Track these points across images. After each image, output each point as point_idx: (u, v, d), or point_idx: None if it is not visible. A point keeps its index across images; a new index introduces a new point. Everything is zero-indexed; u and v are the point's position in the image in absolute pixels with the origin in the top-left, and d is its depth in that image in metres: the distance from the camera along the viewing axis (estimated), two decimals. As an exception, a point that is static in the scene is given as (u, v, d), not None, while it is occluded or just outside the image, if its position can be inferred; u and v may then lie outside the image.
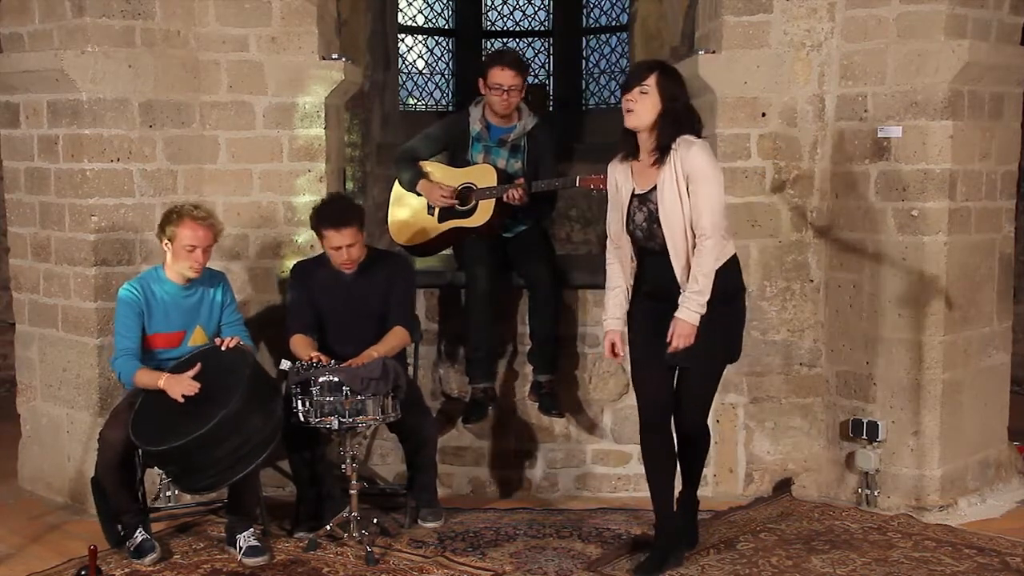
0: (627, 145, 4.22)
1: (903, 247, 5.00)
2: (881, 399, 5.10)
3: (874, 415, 5.10)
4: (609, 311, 4.33)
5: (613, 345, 4.31)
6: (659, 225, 4.13)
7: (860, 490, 5.13)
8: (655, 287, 4.23)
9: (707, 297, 4.07)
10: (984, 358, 5.24)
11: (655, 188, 4.13)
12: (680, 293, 4.10)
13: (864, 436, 5.09)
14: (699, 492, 5.24)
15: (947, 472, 5.06)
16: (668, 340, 4.09)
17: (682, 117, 4.13)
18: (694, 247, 4.07)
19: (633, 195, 4.21)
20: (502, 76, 5.10)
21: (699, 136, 4.18)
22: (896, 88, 4.96)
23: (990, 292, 5.25)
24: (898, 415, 5.06)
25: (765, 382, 5.29)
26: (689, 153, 4.06)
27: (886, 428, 5.06)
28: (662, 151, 4.10)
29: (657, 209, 4.12)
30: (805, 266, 5.25)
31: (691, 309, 4.06)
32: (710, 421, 5.28)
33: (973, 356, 5.17)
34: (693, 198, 4.06)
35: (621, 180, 4.26)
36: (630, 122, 4.13)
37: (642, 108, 4.09)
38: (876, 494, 5.09)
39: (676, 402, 4.32)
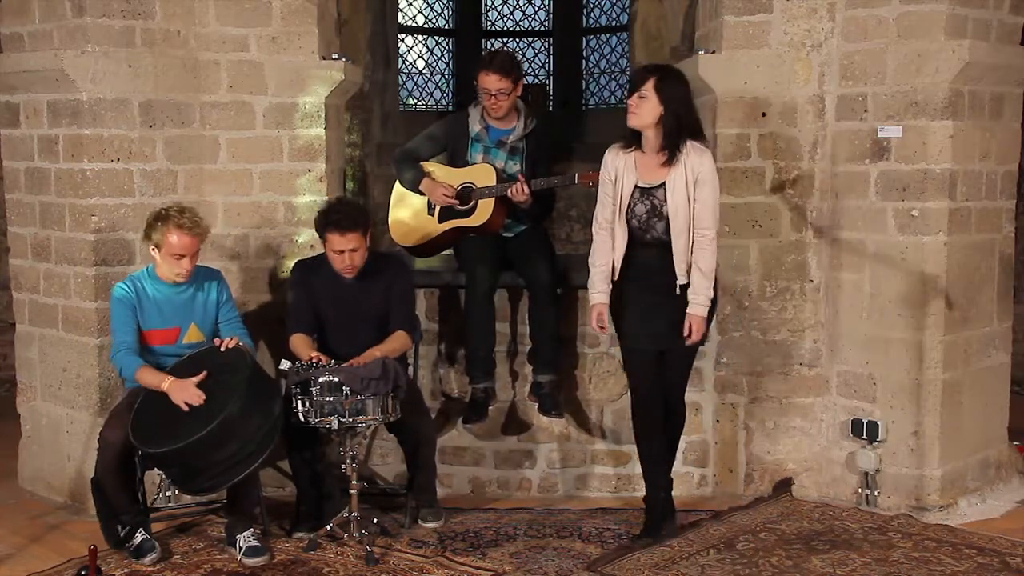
0: (633, 138, 4.48)
1: (903, 247, 5.00)
2: (881, 399, 5.09)
3: (874, 415, 5.10)
4: (597, 285, 4.57)
5: (600, 316, 4.57)
6: (659, 219, 4.44)
7: (860, 490, 5.13)
8: (644, 277, 4.50)
9: (711, 291, 4.46)
10: (984, 358, 5.24)
11: (662, 185, 4.42)
12: (670, 282, 4.43)
13: (864, 436, 5.09)
14: (699, 492, 5.30)
15: (947, 472, 5.06)
16: (686, 335, 4.45)
17: (683, 119, 4.40)
18: (692, 244, 4.42)
19: (636, 187, 4.46)
20: (487, 81, 5.10)
21: (702, 136, 4.51)
22: (896, 88, 4.96)
23: (990, 292, 5.25)
24: (898, 415, 5.06)
25: (765, 382, 5.29)
26: (701, 159, 4.42)
27: (886, 428, 5.06)
28: (671, 152, 4.40)
29: (662, 205, 4.42)
30: (805, 266, 5.25)
31: (702, 304, 4.45)
32: (710, 421, 5.32)
33: (973, 356, 5.16)
34: (700, 200, 4.40)
35: (621, 170, 4.50)
36: (631, 122, 4.43)
37: (642, 111, 4.39)
38: (876, 494, 5.09)
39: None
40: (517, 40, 10.62)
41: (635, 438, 4.68)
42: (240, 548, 4.48)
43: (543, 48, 10.68)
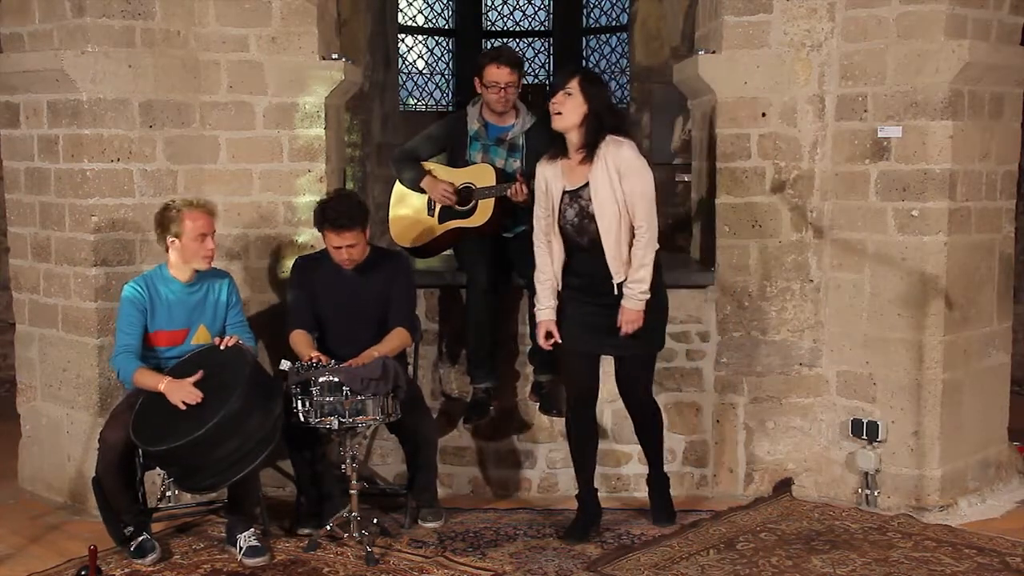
0: (557, 145, 4.53)
1: (903, 247, 5.00)
2: (881, 399, 5.09)
3: (874, 415, 5.10)
4: (543, 301, 4.62)
5: (549, 334, 4.62)
6: (590, 220, 4.45)
7: (860, 490, 5.13)
8: (584, 282, 4.54)
9: (647, 285, 4.43)
10: (984, 358, 5.24)
11: (586, 185, 4.44)
12: (609, 286, 4.44)
13: (864, 436, 5.09)
14: (699, 492, 5.31)
15: (947, 472, 5.06)
16: (617, 327, 4.45)
17: (605, 116, 4.44)
18: (629, 242, 4.41)
19: (564, 192, 4.51)
20: (498, 74, 5.10)
21: (630, 135, 4.55)
22: (896, 88, 4.96)
23: (990, 292, 5.25)
24: (898, 415, 5.06)
25: (765, 382, 5.29)
26: (619, 151, 4.41)
27: (886, 428, 5.06)
28: (589, 148, 4.42)
29: (588, 204, 4.44)
30: (805, 266, 5.25)
31: (636, 298, 4.44)
32: (710, 421, 5.31)
33: (973, 356, 5.16)
34: (628, 192, 4.39)
35: (551, 178, 4.55)
36: (557, 124, 4.45)
37: (567, 110, 4.41)
38: (876, 494, 5.09)
39: (623, 386, 4.78)
40: (517, 40, 10.64)
41: (569, 443, 4.79)
42: (240, 548, 4.48)
43: (543, 48, 10.70)
